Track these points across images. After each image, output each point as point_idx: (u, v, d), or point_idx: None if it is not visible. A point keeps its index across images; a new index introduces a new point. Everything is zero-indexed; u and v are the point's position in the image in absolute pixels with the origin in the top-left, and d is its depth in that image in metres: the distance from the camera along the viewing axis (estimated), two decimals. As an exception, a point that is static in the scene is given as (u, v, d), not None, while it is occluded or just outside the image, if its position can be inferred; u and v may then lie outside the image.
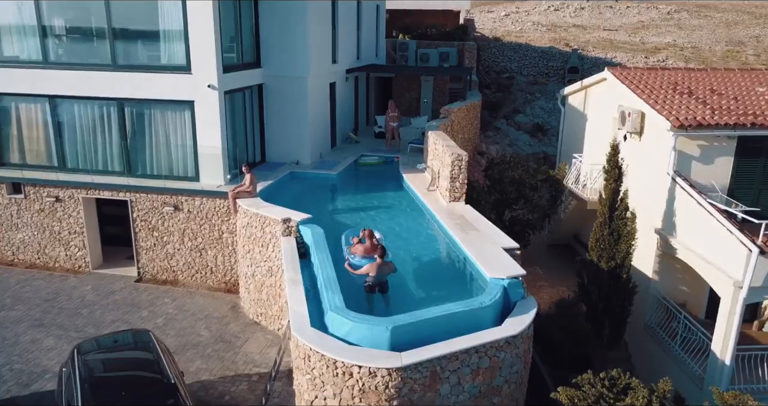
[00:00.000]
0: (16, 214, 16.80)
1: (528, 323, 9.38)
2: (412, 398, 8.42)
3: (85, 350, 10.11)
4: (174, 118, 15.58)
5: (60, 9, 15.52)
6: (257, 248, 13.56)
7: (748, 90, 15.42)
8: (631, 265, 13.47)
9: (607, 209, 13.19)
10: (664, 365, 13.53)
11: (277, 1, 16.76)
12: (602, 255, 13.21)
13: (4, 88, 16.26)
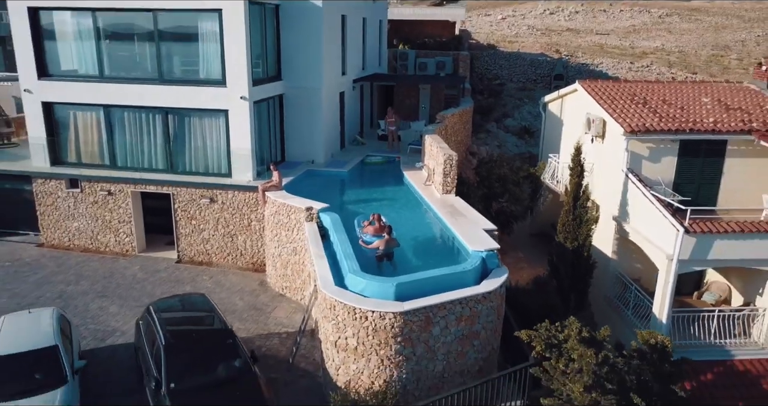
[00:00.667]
0: (72, 205, 19.77)
1: (500, 284, 12.39)
2: (411, 336, 11.43)
3: (157, 308, 13.09)
4: (210, 124, 18.57)
5: (115, 30, 18.50)
6: (284, 232, 16.55)
7: (695, 100, 18.41)
8: (591, 245, 16.50)
9: (571, 199, 16.23)
10: (621, 329, 16.50)
11: (296, 25, 19.74)
12: (567, 237, 16.25)
13: (65, 98, 19.23)
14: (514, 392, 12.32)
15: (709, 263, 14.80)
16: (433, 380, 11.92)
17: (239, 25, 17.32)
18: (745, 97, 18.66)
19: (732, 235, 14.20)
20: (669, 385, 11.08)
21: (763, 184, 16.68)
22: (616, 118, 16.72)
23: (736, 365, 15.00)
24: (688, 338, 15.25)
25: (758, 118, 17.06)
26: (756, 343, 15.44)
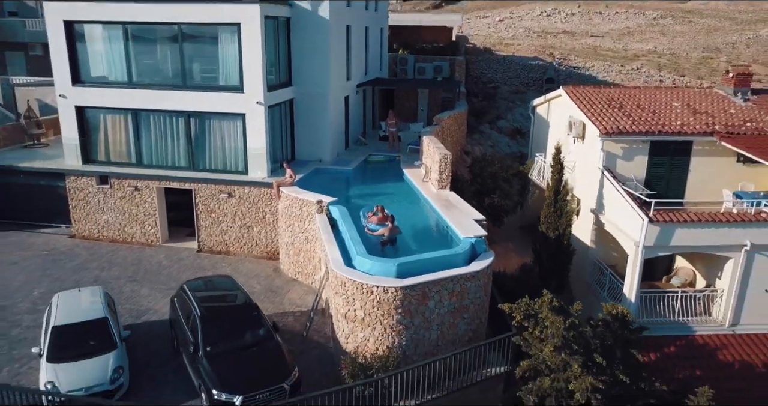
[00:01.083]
0: (102, 200, 21.82)
1: (486, 265, 14.45)
2: (410, 308, 13.49)
3: (190, 287, 15.15)
4: (229, 126, 20.63)
5: (142, 41, 20.55)
6: (296, 223, 18.61)
7: (666, 104, 20.46)
8: (570, 234, 18.58)
9: (552, 193, 18.30)
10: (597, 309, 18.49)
11: (305, 36, 21.78)
12: (549, 227, 18.33)
13: (97, 103, 21.29)
14: (499, 359, 14.41)
15: (671, 248, 16.85)
16: (429, 347, 13.98)
17: (256, 37, 19.37)
18: (711, 102, 20.72)
19: (691, 224, 16.28)
20: (629, 349, 13.14)
21: (724, 180, 18.73)
22: (593, 121, 18.76)
23: (697, 339, 17.06)
24: (654, 315, 17.31)
25: (721, 121, 19.12)
26: (715, 320, 17.50)
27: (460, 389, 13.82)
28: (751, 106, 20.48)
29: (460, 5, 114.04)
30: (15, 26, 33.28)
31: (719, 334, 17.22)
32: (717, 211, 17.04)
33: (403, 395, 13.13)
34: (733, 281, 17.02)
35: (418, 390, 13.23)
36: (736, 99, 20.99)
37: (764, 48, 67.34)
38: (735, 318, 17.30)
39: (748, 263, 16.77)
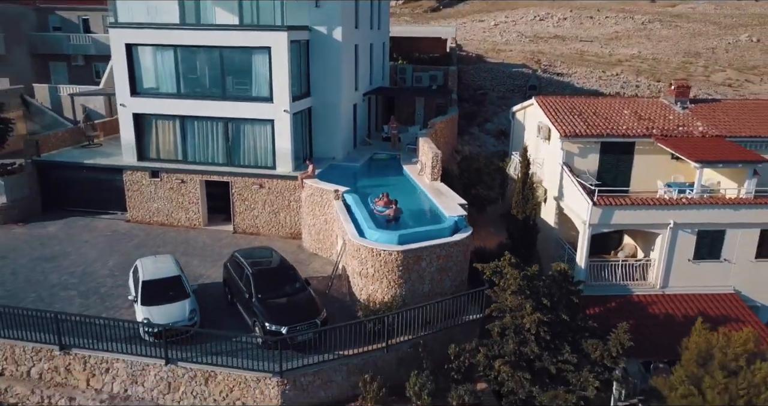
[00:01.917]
0: (153, 191, 26.64)
1: (465, 236, 19.33)
2: (408, 267, 18.35)
3: (240, 253, 20.02)
4: (260, 130, 25.45)
5: (189, 60, 25.39)
6: (317, 208, 23.47)
7: (617, 112, 25.29)
8: (536, 217, 23.44)
9: (520, 184, 23.17)
10: (558, 277, 23.34)
11: (321, 55, 26.60)
12: (518, 211, 23.22)
13: (149, 110, 26.12)
14: (476, 309, 19.26)
15: (612, 226, 21.69)
16: (422, 297, 18.85)
17: (283, 57, 24.22)
18: (655, 110, 25.59)
19: (626, 207, 21.16)
20: (570, 296, 18.01)
21: (661, 173, 23.59)
22: (556, 126, 23.62)
23: (634, 298, 21.92)
24: (601, 280, 22.18)
25: (659, 125, 24.00)
26: (650, 284, 22.36)
27: (446, 328, 18.67)
28: (688, 114, 25.34)
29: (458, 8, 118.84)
30: (60, 40, 38.07)
31: (652, 294, 22.08)
32: (650, 196, 21.93)
33: (402, 331, 18.00)
34: (662, 252, 21.87)
35: (414, 328, 18.10)
36: (676, 107, 25.85)
37: (741, 53, 71.96)
38: (664, 282, 22.16)
39: (673, 237, 21.63)
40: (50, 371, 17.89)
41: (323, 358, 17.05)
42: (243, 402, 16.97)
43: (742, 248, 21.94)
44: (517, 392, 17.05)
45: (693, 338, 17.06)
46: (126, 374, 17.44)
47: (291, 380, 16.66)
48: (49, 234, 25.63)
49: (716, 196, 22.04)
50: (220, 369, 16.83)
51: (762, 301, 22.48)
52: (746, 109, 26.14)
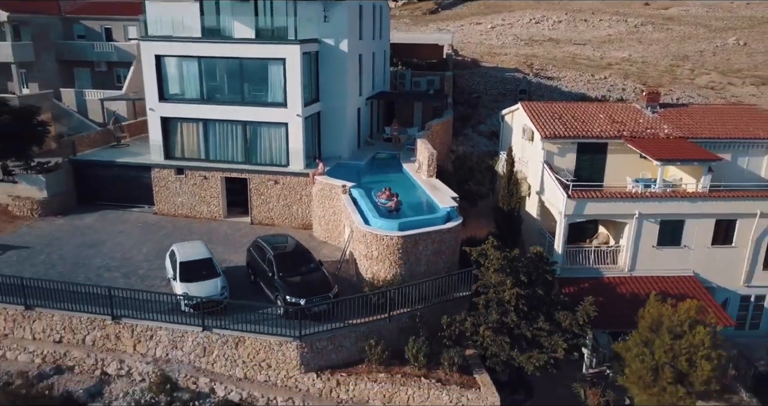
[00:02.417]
0: (178, 186, 29.88)
1: (456, 224, 22.66)
2: (407, 250, 21.66)
3: (262, 239, 23.31)
4: (275, 132, 28.70)
5: (212, 69, 28.64)
6: (327, 201, 26.73)
7: (593, 116, 28.52)
8: (520, 209, 26.72)
9: (506, 180, 26.46)
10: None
11: (329, 64, 29.86)
12: (504, 204, 26.52)
13: (175, 114, 29.35)
14: (465, 287, 22.51)
15: (585, 216, 24.94)
16: (419, 276, 22.12)
17: (296, 67, 27.47)
18: (628, 114, 28.85)
19: (597, 199, 24.44)
20: (545, 275, 21.27)
21: (631, 170, 26.83)
22: (537, 128, 26.89)
23: (605, 280, 25.17)
24: (576, 264, 25.43)
25: (630, 128, 27.27)
26: (619, 267, 25.60)
27: (439, 302, 21.96)
28: (656, 117, 28.62)
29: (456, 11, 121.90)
30: (85, 48, 41.28)
31: (620, 276, 25.34)
32: (619, 190, 25.23)
33: (402, 305, 21.28)
34: (629, 239, 25.14)
35: (412, 301, 21.38)
36: (647, 111, 29.12)
37: (728, 56, 75.09)
38: (632, 265, 25.42)
39: (638, 226, 24.90)
40: (102, 338, 21.17)
41: (335, 326, 20.33)
42: (268, 363, 20.24)
43: (699, 236, 25.20)
44: (499, 354, 20.34)
45: (647, 309, 20.36)
46: (167, 340, 20.71)
47: (308, 344, 19.94)
48: (86, 225, 28.89)
49: (677, 190, 25.35)
50: (248, 335, 20.11)
51: (717, 282, 25.76)
52: (709, 113, 29.42)
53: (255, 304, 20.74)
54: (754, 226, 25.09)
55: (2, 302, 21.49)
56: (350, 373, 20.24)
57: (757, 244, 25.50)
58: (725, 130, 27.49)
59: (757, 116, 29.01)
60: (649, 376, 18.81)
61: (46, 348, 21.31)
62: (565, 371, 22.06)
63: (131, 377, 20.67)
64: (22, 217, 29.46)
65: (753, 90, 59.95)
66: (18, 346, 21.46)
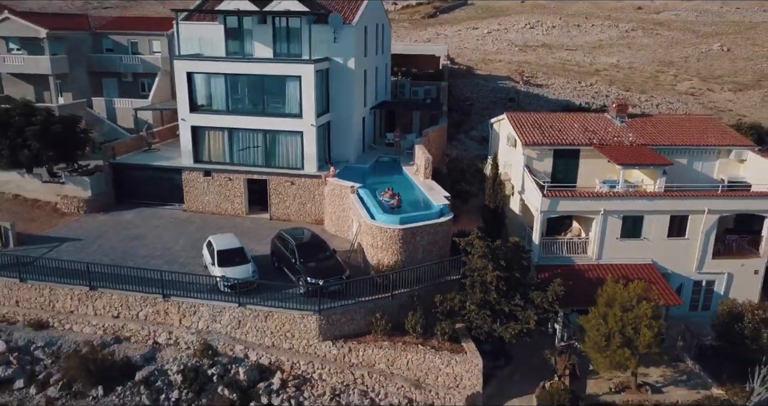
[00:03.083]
0: (206, 187, 34.41)
1: (448, 219, 27.29)
2: (406, 240, 26.28)
3: (284, 231, 27.90)
4: (291, 139, 33.24)
5: (237, 84, 33.17)
6: (337, 200, 31.30)
7: (569, 125, 33.04)
8: (504, 205, 31.30)
9: (492, 181, 31.03)
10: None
11: (338, 79, 34.37)
12: (490, 201, 31.12)
13: (203, 123, 33.88)
14: (455, 272, 27.05)
15: (558, 213, 29.43)
16: (416, 262, 26.70)
17: (310, 83, 32.00)
18: (599, 123, 33.38)
19: (568, 198, 28.98)
20: (521, 260, 25.81)
21: (599, 173, 31.36)
22: (519, 136, 31.44)
23: (576, 267, 29.67)
24: (551, 253, 29.95)
25: (599, 136, 31.82)
26: (588, 256, 30.12)
27: (433, 284, 26.51)
28: (624, 127, 33.17)
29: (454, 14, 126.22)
30: (113, 60, 45.78)
31: (589, 264, 29.82)
32: (588, 190, 29.77)
33: (402, 286, 25.83)
34: (596, 232, 29.67)
35: (410, 283, 25.93)
36: (616, 121, 33.67)
37: (711, 62, 79.45)
38: (599, 254, 29.92)
39: (604, 221, 29.40)
40: (153, 314, 25.73)
41: (347, 302, 24.93)
42: (291, 333, 24.82)
43: (656, 230, 29.70)
44: (482, 326, 24.91)
45: (605, 289, 24.92)
46: (208, 314, 25.28)
47: (325, 318, 24.50)
48: (126, 220, 33.42)
49: (637, 190, 29.91)
50: (275, 310, 24.67)
51: (673, 269, 30.25)
52: (670, 122, 34.02)
53: (281, 284, 25.33)
54: (703, 221, 29.58)
55: (69, 284, 26.03)
56: (360, 341, 24.83)
57: (707, 236, 29.99)
58: (682, 138, 32.10)
59: (711, 126, 33.61)
60: (603, 341, 23.39)
61: (107, 322, 25.90)
62: (541, 344, 26.60)
63: (178, 345, 25.24)
64: (69, 214, 33.97)
65: (730, 96, 64.44)
66: (83, 320, 26.05)
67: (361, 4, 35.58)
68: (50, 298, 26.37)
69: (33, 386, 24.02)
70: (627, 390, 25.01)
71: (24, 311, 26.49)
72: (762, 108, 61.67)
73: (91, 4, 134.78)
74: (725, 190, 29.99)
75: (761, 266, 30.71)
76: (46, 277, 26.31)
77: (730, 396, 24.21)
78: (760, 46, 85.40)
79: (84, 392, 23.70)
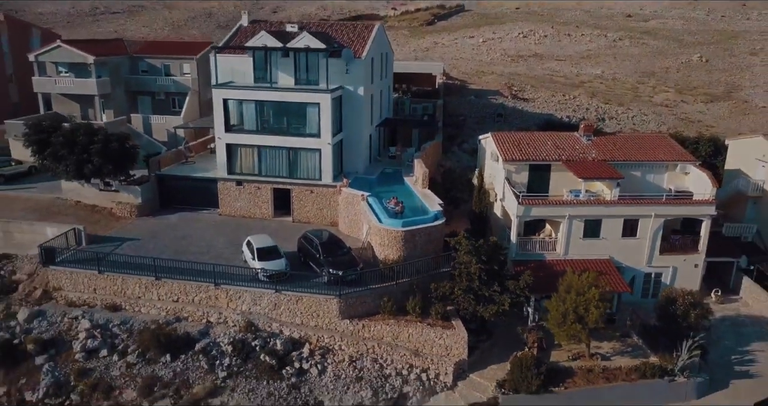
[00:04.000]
0: (238, 194, 41.52)
1: (441, 222, 34.63)
2: (408, 239, 33.50)
3: (309, 232, 35.14)
4: (311, 155, 40.35)
5: (266, 109, 40.26)
6: (350, 206, 38.47)
7: (543, 143, 40.10)
8: (488, 210, 38.48)
9: (478, 189, 38.21)
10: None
11: (350, 103, 41.43)
12: (477, 206, 38.30)
13: (237, 141, 40.96)
14: (446, 264, 34.19)
15: (532, 217, 36.53)
16: (416, 257, 33.88)
17: (327, 109, 39.11)
18: (568, 142, 40.47)
19: (539, 205, 36.13)
20: (499, 256, 32.92)
21: (567, 184, 38.42)
22: (501, 152, 38.54)
23: (546, 262, 36.79)
24: (526, 250, 37.10)
25: (567, 153, 38.92)
26: (557, 253, 37.23)
27: (428, 275, 33.63)
28: (589, 144, 40.27)
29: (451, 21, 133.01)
30: (148, 81, 52.85)
31: (557, 259, 36.97)
32: (556, 198, 36.90)
33: (404, 276, 32.96)
34: (564, 233, 36.77)
35: (411, 274, 33.07)
36: (583, 139, 40.78)
37: (689, 73, 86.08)
38: (565, 251, 37.06)
39: (569, 224, 36.53)
40: (206, 298, 32.82)
41: (361, 289, 32.01)
42: (317, 313, 31.94)
43: (612, 231, 36.83)
44: (468, 308, 32.02)
45: (565, 278, 32.02)
46: (250, 299, 32.36)
47: (344, 300, 31.61)
48: (172, 223, 40.50)
49: (596, 198, 37.02)
50: (304, 294, 31.78)
51: (627, 264, 37.34)
52: (629, 140, 41.17)
53: (308, 275, 32.46)
54: (651, 224, 36.73)
55: (138, 275, 33.10)
56: (371, 319, 31.97)
57: (654, 236, 37.13)
58: (637, 155, 39.25)
59: (662, 143, 40.78)
60: (561, 318, 30.54)
61: (168, 305, 32.98)
62: (517, 324, 33.74)
63: (227, 323, 32.34)
64: (123, 217, 41.04)
65: (702, 107, 71.45)
66: (149, 304, 33.15)
67: (368, 39, 42.65)
68: (122, 286, 33.45)
69: (115, 355, 31.10)
70: (581, 358, 32.14)
71: (101, 296, 33.56)
72: (729, 119, 68.73)
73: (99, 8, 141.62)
74: (668, 198, 37.14)
75: (700, 260, 37.92)
76: (119, 269, 33.38)
77: (662, 362, 31.33)
78: (737, 57, 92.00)
79: (155, 359, 30.77)
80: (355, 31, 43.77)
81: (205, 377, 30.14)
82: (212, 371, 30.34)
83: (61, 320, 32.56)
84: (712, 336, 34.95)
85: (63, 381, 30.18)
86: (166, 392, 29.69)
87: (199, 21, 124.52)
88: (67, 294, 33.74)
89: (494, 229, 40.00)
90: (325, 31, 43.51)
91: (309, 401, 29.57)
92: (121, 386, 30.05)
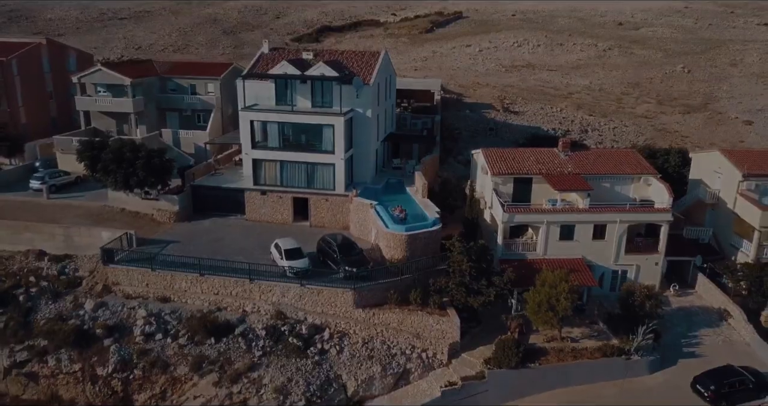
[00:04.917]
0: (262, 202, 48.61)
1: (438, 227, 41.82)
2: (410, 242, 40.73)
3: (327, 236, 42.26)
4: (326, 169, 47.46)
5: (287, 128, 47.29)
6: (360, 213, 45.65)
7: (527, 158, 47.11)
8: (479, 217, 45.58)
9: (470, 198, 45.32)
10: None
11: (359, 123, 48.42)
12: (468, 213, 45.42)
13: (261, 157, 48.02)
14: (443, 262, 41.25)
15: (515, 223, 43.59)
16: (417, 257, 40.89)
17: (341, 130, 46.19)
18: (548, 157, 47.51)
19: (522, 213, 43.22)
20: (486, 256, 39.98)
21: (547, 195, 45.42)
22: (489, 166, 45.61)
23: (528, 261, 43.85)
24: (511, 251, 44.18)
25: (547, 167, 45.97)
26: (537, 253, 44.26)
27: (428, 272, 40.69)
28: (566, 159, 47.34)
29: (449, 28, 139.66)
30: (177, 99, 59.85)
31: (537, 258, 44.04)
32: (537, 207, 43.98)
33: (407, 272, 40.05)
34: (543, 236, 43.82)
35: (413, 270, 40.17)
36: (561, 155, 47.85)
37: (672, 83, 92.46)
38: (545, 252, 44.14)
39: (547, 229, 43.60)
40: (243, 292, 39.93)
41: (371, 283, 39.10)
42: (335, 303, 39.08)
43: (584, 234, 43.94)
44: (460, 299, 39.08)
45: (541, 274, 39.10)
46: (279, 292, 39.45)
47: (358, 292, 38.74)
48: (205, 227, 47.54)
49: (570, 206, 44.08)
50: (324, 288, 38.92)
51: (597, 262, 44.43)
52: (601, 155, 48.30)
53: (327, 271, 39.54)
54: (617, 228, 43.79)
55: (185, 272, 40.13)
56: (380, 308, 39.11)
57: (620, 239, 44.22)
58: (607, 168, 46.36)
59: (630, 158, 47.91)
60: (536, 307, 37.64)
61: (210, 297, 40.07)
62: (502, 313, 40.83)
63: (260, 312, 39.43)
64: (163, 223, 48.05)
65: (679, 118, 78.40)
66: (194, 296, 40.25)
67: (375, 66, 49.71)
68: (171, 281, 40.49)
69: (168, 338, 38.14)
70: (554, 341, 39.25)
71: (153, 290, 40.61)
72: (703, 129, 75.73)
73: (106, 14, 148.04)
74: (632, 206, 44.24)
75: (660, 259, 45.04)
76: (168, 267, 40.40)
77: (621, 344, 38.42)
78: (718, 68, 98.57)
79: (202, 341, 37.84)
80: (363, 59, 50.83)
81: (244, 356, 37.23)
82: (249, 351, 37.42)
83: (121, 310, 39.60)
84: (667, 323, 42.09)
85: (127, 359, 37.25)
86: (213, 367, 36.79)
87: (205, 27, 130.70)
88: (124, 288, 40.79)
89: (484, 232, 47.07)
90: (338, 59, 50.56)
91: (330, 375, 36.68)
92: (175, 363, 37.13)
